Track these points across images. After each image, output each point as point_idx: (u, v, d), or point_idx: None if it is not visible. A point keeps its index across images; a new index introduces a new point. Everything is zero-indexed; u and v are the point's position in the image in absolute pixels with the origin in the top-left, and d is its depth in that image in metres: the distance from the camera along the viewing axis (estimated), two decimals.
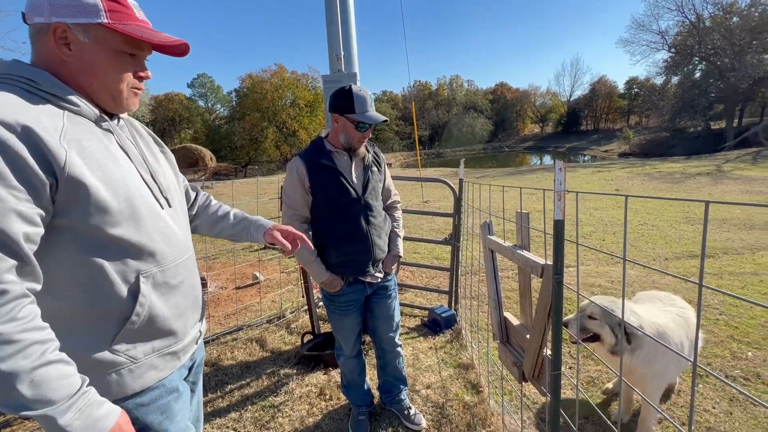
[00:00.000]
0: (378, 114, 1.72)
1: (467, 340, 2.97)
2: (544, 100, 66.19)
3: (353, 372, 2.10)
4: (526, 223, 1.69)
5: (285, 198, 1.81)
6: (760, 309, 3.32)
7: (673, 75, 34.72)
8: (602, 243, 5.90)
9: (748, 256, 4.99)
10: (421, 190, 12.69)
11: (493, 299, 1.97)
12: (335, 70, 2.90)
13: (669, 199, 1.62)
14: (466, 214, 3.26)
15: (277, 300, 3.95)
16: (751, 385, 2.36)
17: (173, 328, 0.95)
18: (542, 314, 1.45)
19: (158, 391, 0.93)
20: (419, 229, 7.37)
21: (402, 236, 2.04)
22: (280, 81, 37.19)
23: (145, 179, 0.92)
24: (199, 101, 47.73)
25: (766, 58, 27.63)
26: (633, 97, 51.02)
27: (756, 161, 16.99)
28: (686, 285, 3.99)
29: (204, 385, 2.50)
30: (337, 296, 1.87)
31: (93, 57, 0.84)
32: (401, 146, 46.66)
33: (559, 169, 1.23)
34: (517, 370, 1.73)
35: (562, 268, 1.29)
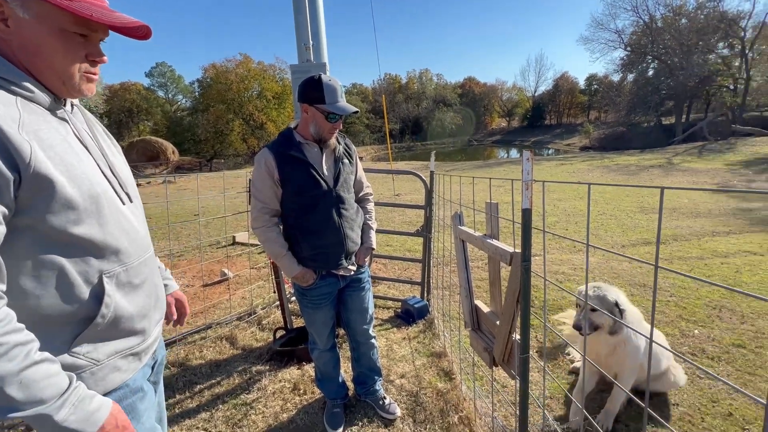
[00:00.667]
0: (349, 105, 1.70)
1: (440, 329, 3.03)
2: (510, 95, 67.98)
3: (327, 365, 2.09)
4: (495, 213, 1.73)
5: (253, 191, 1.76)
6: (706, 290, 3.60)
7: (629, 72, 36.65)
8: (565, 232, 6.18)
9: (695, 241, 5.39)
10: (392, 184, 12.73)
11: (464, 288, 2.01)
12: (304, 60, 2.83)
13: (628, 186, 1.68)
14: (437, 205, 3.31)
15: (248, 296, 3.86)
16: (698, 360, 2.56)
17: (137, 328, 0.92)
18: (511, 300, 1.50)
19: (122, 392, 0.90)
20: (391, 222, 7.41)
21: (375, 228, 2.04)
22: (246, 72, 35.90)
23: (105, 173, 0.86)
24: (158, 91, 45.23)
25: (711, 58, 29.72)
26: (593, 93, 53.42)
27: (701, 154, 18.31)
28: (641, 270, 4.25)
29: (171, 386, 2.42)
30: (310, 290, 1.85)
31: (35, 35, 0.76)
32: (372, 139, 46.49)
33: (526, 159, 1.27)
34: (487, 355, 1.78)
35: (529, 255, 1.34)
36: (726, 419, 2.02)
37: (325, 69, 2.84)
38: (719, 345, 2.72)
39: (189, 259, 5.26)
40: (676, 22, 30.97)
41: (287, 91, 36.41)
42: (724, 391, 2.23)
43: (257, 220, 1.76)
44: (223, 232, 6.56)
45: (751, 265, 4.30)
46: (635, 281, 3.93)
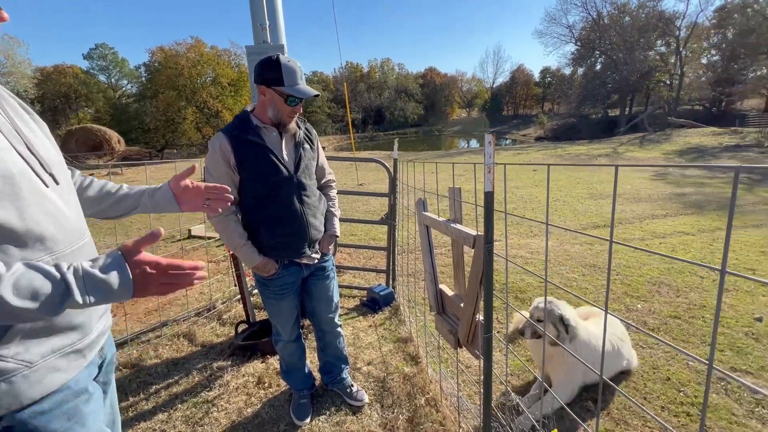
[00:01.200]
0: (309, 88, 1.63)
1: (405, 315, 3.07)
2: (470, 86, 69.45)
3: (293, 356, 2.05)
4: (458, 198, 1.76)
5: (207, 178, 1.65)
6: (648, 268, 3.91)
7: (579, 66, 38.64)
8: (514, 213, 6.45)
9: (637, 224, 5.82)
10: (356, 173, 12.66)
11: (429, 273, 2.04)
12: (260, 41, 2.69)
13: (584, 165, 1.76)
14: (401, 193, 3.31)
15: (206, 291, 3.69)
16: (640, 332, 2.78)
17: (75, 323, 0.83)
18: (475, 282, 1.53)
19: (63, 395, 0.81)
20: (355, 211, 7.37)
21: (338, 215, 2.00)
22: (198, 56, 33.85)
23: (20, 153, 0.76)
24: (99, 75, 41.50)
25: (650, 54, 31.97)
26: (547, 86, 55.84)
27: (642, 144, 19.79)
28: (591, 251, 4.53)
29: (124, 389, 2.27)
30: (272, 280, 1.79)
31: None
32: (334, 129, 45.75)
33: (488, 142, 1.28)
34: (452, 337, 1.82)
35: (492, 237, 1.37)
36: (665, 383, 2.22)
37: (283, 50, 2.72)
38: (658, 317, 2.97)
39: None
40: (621, 20, 32.95)
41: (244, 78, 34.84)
42: (663, 359, 2.44)
43: None
44: (178, 225, 6.21)
45: (684, 244, 4.72)
46: (586, 262, 4.19)
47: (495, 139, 1.33)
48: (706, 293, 3.32)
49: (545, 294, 1.10)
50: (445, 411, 2.02)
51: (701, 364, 2.36)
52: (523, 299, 3.34)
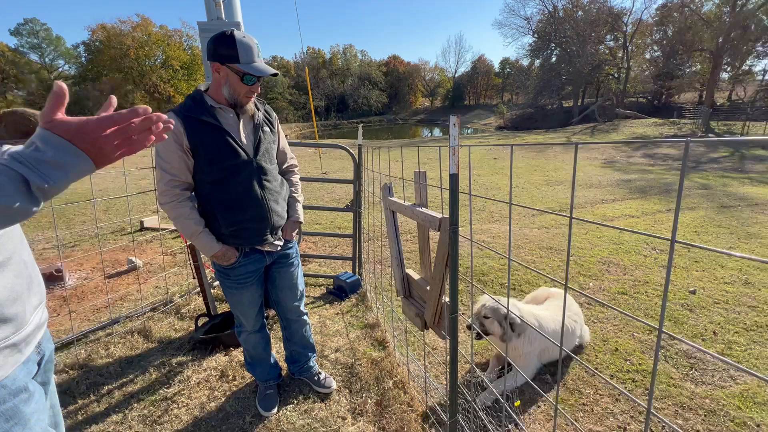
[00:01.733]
0: (267, 66, 1.55)
1: (372, 301, 3.08)
2: (433, 75, 69.92)
3: (257, 347, 1.99)
4: (423, 182, 1.76)
5: (159, 161, 1.54)
6: (598, 249, 4.16)
7: (536, 58, 39.91)
8: (484, 203, 6.64)
9: (589, 208, 6.18)
10: (319, 162, 12.43)
11: (395, 257, 2.04)
12: (214, 17, 2.52)
13: (547, 145, 1.82)
14: (366, 181, 3.28)
15: (162, 285, 3.49)
16: (593, 308, 2.97)
17: (8, 314, 0.75)
18: (440, 265, 1.55)
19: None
20: (320, 200, 7.25)
21: (301, 201, 1.95)
22: (146, 36, 31.50)
23: None
24: (30, 54, 37.52)
25: (601, 48, 33.65)
26: (506, 76, 57.36)
27: (593, 134, 20.94)
28: (548, 234, 4.76)
29: (72, 392, 2.12)
30: (233, 269, 1.71)
31: None
32: (296, 117, 44.50)
33: (453, 124, 1.29)
34: (419, 320, 1.84)
35: (457, 219, 1.38)
36: (613, 354, 2.39)
37: (239, 28, 2.57)
38: (608, 294, 3.19)
39: (85, 249, 4.57)
40: (575, 14, 34.31)
41: (197, 61, 32.93)
42: (612, 332, 2.63)
43: (165, 195, 1.55)
44: (128, 217, 5.82)
45: (630, 226, 5.08)
46: (543, 245, 4.39)
47: (459, 123, 1.33)
48: (649, 270, 3.59)
49: (508, 273, 1.13)
50: (412, 392, 2.05)
51: (645, 335, 2.56)
52: (485, 282, 3.46)
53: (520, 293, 3.18)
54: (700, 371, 2.20)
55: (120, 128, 0.69)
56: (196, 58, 33.07)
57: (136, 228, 5.36)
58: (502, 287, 3.35)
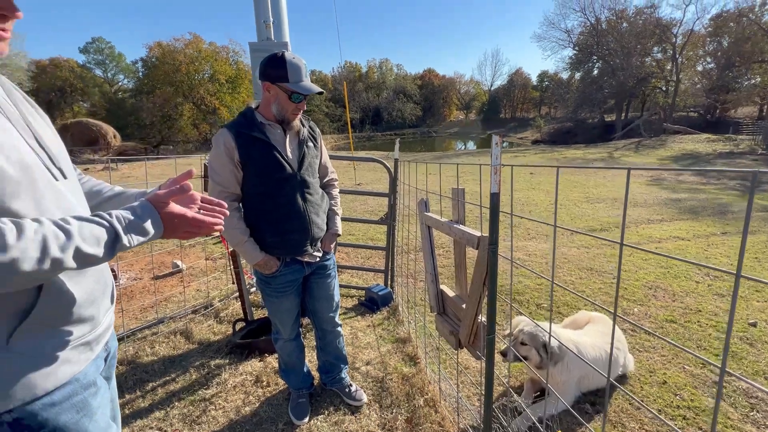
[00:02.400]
0: (313, 84, 1.63)
1: (404, 315, 3.07)
2: (468, 88, 69.65)
3: (292, 355, 2.04)
4: (461, 199, 1.76)
5: (211, 174, 1.64)
6: (644, 272, 3.93)
7: (577, 71, 38.86)
8: (520, 220, 6.47)
9: (633, 229, 5.86)
10: (353, 173, 12.64)
11: (430, 273, 2.03)
12: (264, 38, 2.67)
13: (594, 168, 1.77)
14: (401, 194, 3.31)
15: (203, 289, 3.67)
16: (638, 335, 2.80)
17: (86, 315, 0.83)
18: (478, 283, 1.53)
19: (72, 387, 0.80)
20: (353, 211, 7.36)
21: (340, 214, 2.00)
22: (197, 53, 33.67)
23: (31, 146, 0.75)
24: (95, 70, 41.08)
25: (647, 61, 32.23)
26: (544, 89, 56.09)
27: (637, 150, 19.94)
28: (588, 254, 4.56)
29: (120, 386, 2.25)
30: (273, 278, 1.78)
31: None
32: (332, 128, 45.67)
33: (495, 143, 1.29)
34: (453, 338, 1.82)
35: (497, 238, 1.37)
36: (661, 387, 2.23)
37: (286, 48, 2.71)
38: (655, 321, 3.00)
39: (136, 251, 4.89)
40: (619, 26, 33.20)
41: (242, 75, 34.71)
42: (659, 362, 2.46)
43: None
44: None
45: (680, 249, 4.76)
46: (583, 265, 4.21)
47: (502, 138, 1.33)
48: (701, 298, 3.35)
49: (551, 299, 1.10)
50: (443, 411, 2.02)
51: (697, 369, 2.38)
52: (520, 301, 3.35)
53: (558, 315, 3.06)
54: (762, 413, 2.01)
55: (198, 227, 0.88)
56: (240, 72, 34.92)
57: None
58: (538, 308, 3.24)
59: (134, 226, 0.78)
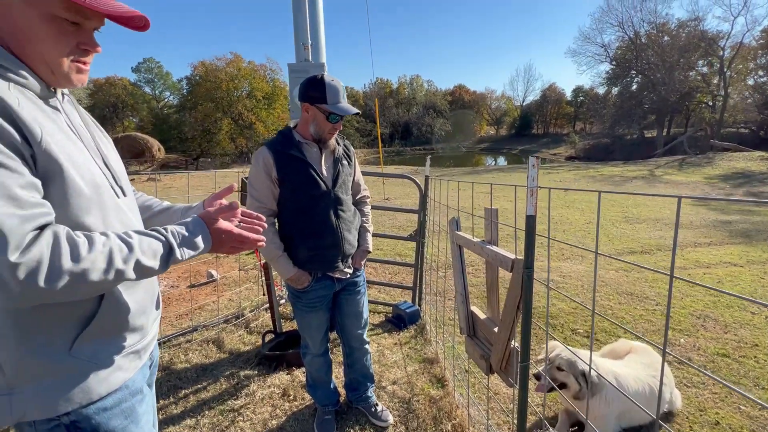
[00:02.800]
0: (350, 106, 1.67)
1: (431, 335, 3.01)
2: (499, 104, 69.04)
3: (320, 371, 2.04)
4: (494, 219, 1.73)
5: (250, 190, 1.71)
6: (691, 300, 3.67)
7: (614, 86, 37.65)
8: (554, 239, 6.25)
9: (679, 252, 5.52)
10: (382, 187, 12.74)
11: (460, 293, 2.00)
12: (302, 59, 2.79)
13: (640, 195, 1.70)
14: (431, 210, 3.30)
15: (235, 299, 3.77)
16: (684, 368, 2.60)
17: (137, 325, 0.88)
18: (511, 307, 1.48)
19: (122, 394, 0.85)
20: (381, 225, 7.38)
21: (371, 231, 2.02)
22: (236, 71, 35.54)
23: (99, 166, 0.82)
24: (145, 87, 44.27)
25: (691, 75, 30.80)
26: (579, 105, 54.68)
27: (681, 168, 18.90)
28: (628, 278, 4.32)
29: (156, 391, 2.33)
30: (305, 293, 1.81)
31: (23, 20, 0.71)
32: (362, 143, 46.49)
33: (532, 165, 1.26)
34: (484, 362, 1.76)
35: (532, 262, 1.33)
36: (713, 428, 2.05)
37: (323, 69, 2.81)
38: (704, 354, 2.78)
39: None
40: (660, 39, 32.03)
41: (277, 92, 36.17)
42: (711, 400, 2.27)
43: None
44: None
45: (732, 276, 4.42)
46: (622, 290, 3.99)
47: (539, 162, 1.30)
48: (758, 331, 3.07)
49: (592, 325, 1.05)
50: None
51: (756, 411, 2.17)
52: (554, 325, 3.21)
53: (596, 343, 2.90)
54: None
55: (243, 243, 0.93)
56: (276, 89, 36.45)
57: None
58: (573, 333, 3.09)
59: (187, 241, 0.83)
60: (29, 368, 0.73)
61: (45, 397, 0.74)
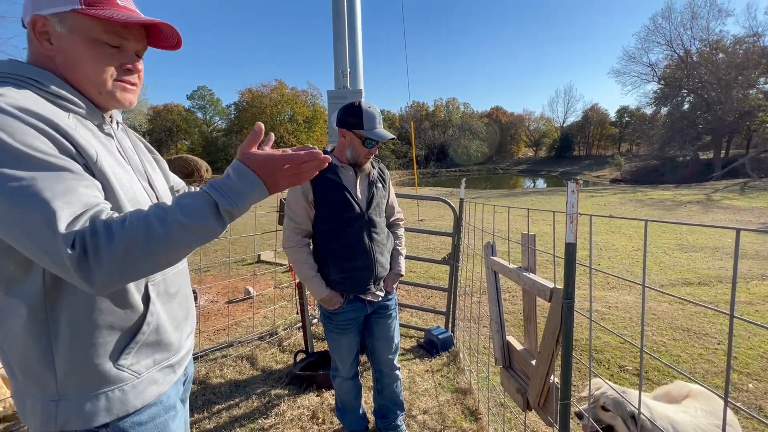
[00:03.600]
0: (386, 131, 1.71)
1: (465, 363, 2.90)
2: (538, 125, 67.70)
3: (349, 394, 2.02)
4: (532, 245, 1.67)
5: (287, 211, 1.77)
6: (758, 339, 3.30)
7: (663, 106, 35.83)
8: (598, 264, 5.90)
9: (742, 284, 5.01)
10: (416, 209, 12.72)
11: (495, 322, 1.92)
12: (341, 86, 2.91)
13: (696, 225, 1.61)
14: (465, 234, 3.24)
15: (270, 316, 3.85)
16: (750, 420, 2.31)
17: (172, 339, 0.91)
18: (550, 340, 1.40)
19: (156, 409, 0.88)
20: (415, 247, 7.33)
21: (404, 254, 2.01)
22: (280, 96, 37.64)
23: (144, 187, 0.89)
24: (197, 113, 47.94)
25: (752, 93, 28.72)
26: (624, 126, 52.45)
27: (744, 192, 17.38)
28: (684, 312, 3.97)
29: (191, 404, 2.39)
30: (336, 314, 1.81)
31: (72, 48, 0.78)
32: (397, 164, 47.10)
33: (571, 191, 1.22)
34: (521, 397, 1.67)
35: (573, 292, 1.26)
36: None
37: (360, 95, 2.91)
38: None
39: (215, 275, 5.34)
40: (713, 57, 30.34)
41: (317, 115, 37.75)
42: None
43: (289, 240, 1.76)
44: (250, 250, 6.66)
45: None
46: (677, 324, 3.66)
47: (578, 187, 1.25)
48: None
49: (641, 363, 0.97)
50: None
51: None
52: (599, 360, 2.99)
53: (647, 383, 2.66)
54: None
55: (295, 164, 0.80)
56: (316, 113, 38.10)
57: (255, 260, 6.10)
58: (621, 370, 2.85)
59: (229, 187, 0.75)
60: (79, 375, 0.77)
61: (88, 406, 0.77)
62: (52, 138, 0.68)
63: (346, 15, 2.91)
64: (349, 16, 2.93)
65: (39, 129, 0.67)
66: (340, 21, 2.87)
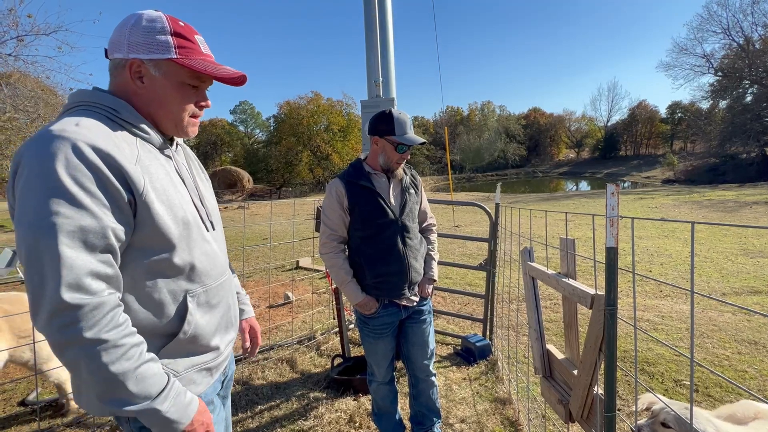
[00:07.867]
0: (417, 136, 1.73)
1: (504, 372, 2.82)
2: (579, 125, 64.78)
3: (385, 400, 2.03)
4: (571, 250, 1.61)
5: (323, 218, 1.83)
6: None
7: (721, 99, 33.07)
8: (649, 273, 5.53)
9: None
10: (452, 215, 12.57)
11: (534, 330, 1.86)
12: (373, 95, 2.98)
13: (761, 228, 1.49)
14: (502, 239, 3.17)
15: (308, 321, 3.95)
16: None
17: (212, 345, 0.99)
18: (592, 348, 1.35)
19: None
20: (451, 253, 7.24)
21: (437, 260, 2.00)
22: (316, 107, 38.73)
23: (195, 203, 0.98)
24: (239, 126, 50.50)
25: None
26: (676, 122, 48.96)
27: None
28: (750, 323, 3.62)
29: (235, 404, 2.51)
30: (372, 319, 1.84)
31: (162, 89, 0.91)
32: (432, 170, 46.80)
33: (611, 193, 1.17)
34: (562, 409, 1.60)
35: (615, 299, 1.21)
36: None
37: (393, 103, 2.96)
38: None
39: (257, 280, 5.57)
40: None
41: (352, 125, 38.42)
42: None
43: (325, 246, 1.82)
44: (289, 257, 6.89)
45: None
46: (741, 336, 3.34)
47: (618, 189, 1.21)
48: None
49: (691, 375, 0.91)
50: None
51: None
52: (652, 374, 2.80)
53: (707, 399, 2.45)
54: None
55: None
56: (351, 122, 38.82)
57: (293, 266, 6.30)
58: (677, 385, 2.65)
59: (178, 402, 0.84)
60: None
61: None
62: (104, 179, 0.76)
63: (378, 25, 2.98)
64: (381, 26, 3.00)
65: (95, 169, 0.75)
66: (372, 31, 2.95)
